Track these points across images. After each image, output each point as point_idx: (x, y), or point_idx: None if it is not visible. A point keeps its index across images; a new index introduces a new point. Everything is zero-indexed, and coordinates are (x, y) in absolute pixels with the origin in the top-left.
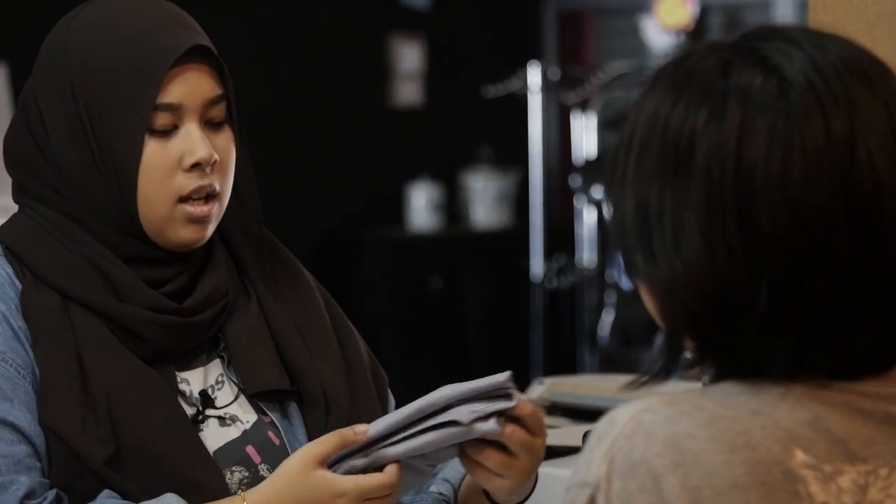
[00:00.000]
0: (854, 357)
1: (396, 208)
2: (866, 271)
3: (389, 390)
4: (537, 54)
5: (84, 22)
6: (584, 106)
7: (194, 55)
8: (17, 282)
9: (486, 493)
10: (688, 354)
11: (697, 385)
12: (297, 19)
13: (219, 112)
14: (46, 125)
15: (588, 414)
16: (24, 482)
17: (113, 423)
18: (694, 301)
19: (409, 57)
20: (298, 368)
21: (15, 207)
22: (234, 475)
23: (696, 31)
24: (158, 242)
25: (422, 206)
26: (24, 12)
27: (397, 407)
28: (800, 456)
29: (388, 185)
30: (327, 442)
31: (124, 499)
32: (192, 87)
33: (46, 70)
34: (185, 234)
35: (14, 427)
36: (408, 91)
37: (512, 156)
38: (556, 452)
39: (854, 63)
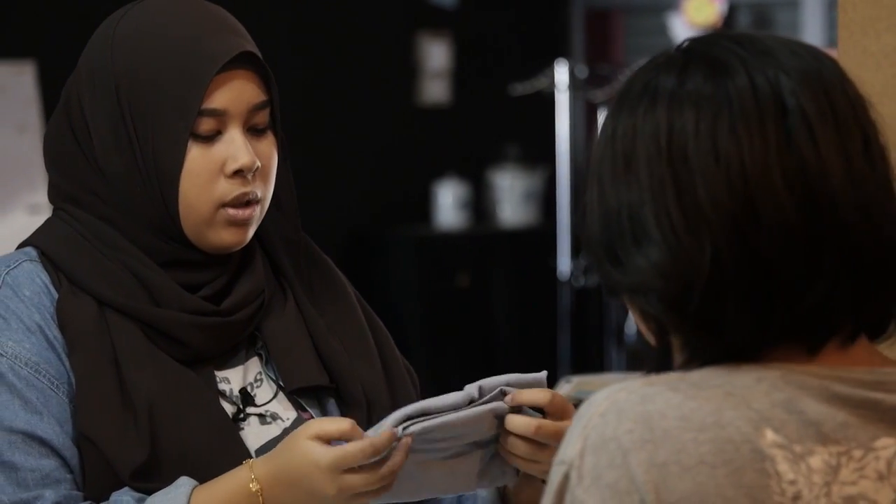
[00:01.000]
0: (816, 320)
1: (424, 206)
2: (810, 220)
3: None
4: (565, 52)
5: (130, 25)
6: (611, 104)
7: (240, 61)
8: (53, 290)
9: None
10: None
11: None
12: (324, 18)
13: (262, 118)
14: (90, 126)
15: None
16: (48, 497)
17: (153, 428)
18: (657, 284)
19: (436, 55)
20: (338, 368)
21: (44, 205)
22: None
23: (725, 29)
24: (198, 245)
25: (449, 204)
26: (53, 11)
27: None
28: (770, 436)
29: (415, 183)
30: (336, 423)
31: None
32: (237, 93)
33: (91, 70)
34: (225, 237)
35: (42, 441)
36: (435, 89)
37: (539, 154)
38: None
39: (786, 48)
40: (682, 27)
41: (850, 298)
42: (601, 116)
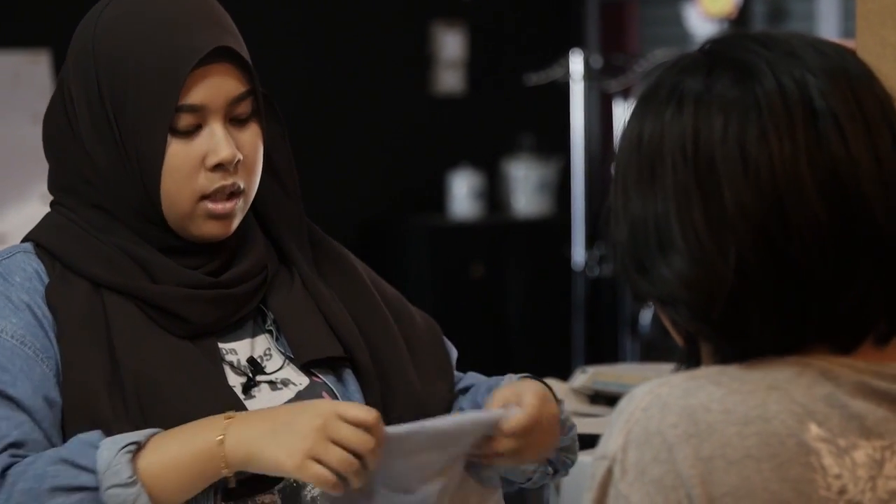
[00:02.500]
0: (850, 322)
1: (438, 196)
2: (843, 224)
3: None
4: (579, 42)
5: (112, 14)
6: (626, 94)
7: (219, 55)
8: (45, 277)
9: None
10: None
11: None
12: (340, 8)
13: (244, 109)
14: (77, 115)
15: None
16: (14, 434)
17: (153, 405)
18: (684, 294)
19: (451, 45)
20: (350, 339)
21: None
22: None
23: (740, 20)
24: (183, 237)
25: (463, 194)
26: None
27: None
28: (814, 429)
29: (429, 173)
30: (362, 409)
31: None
32: (215, 87)
33: (76, 59)
34: (207, 230)
35: (10, 398)
36: (450, 79)
37: (554, 144)
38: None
39: (813, 49)
40: (698, 17)
41: (883, 299)
42: (616, 106)
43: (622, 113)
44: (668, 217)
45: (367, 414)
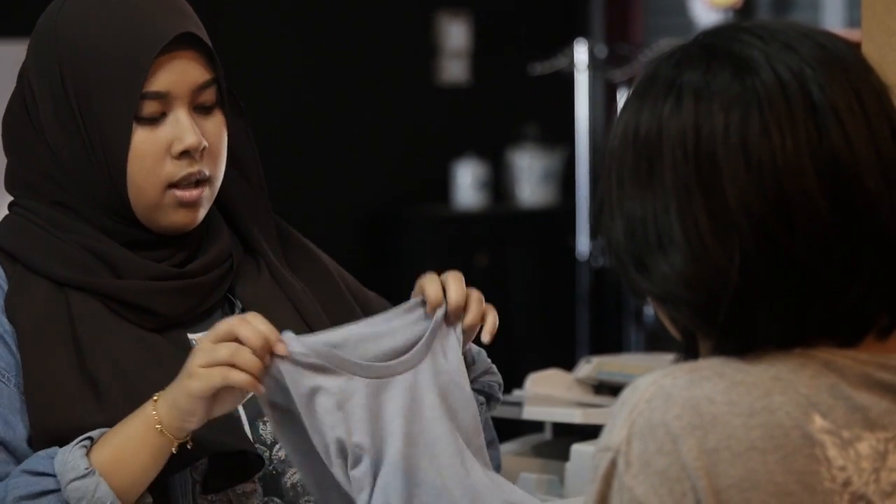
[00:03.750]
0: (853, 318)
1: (442, 186)
2: (846, 221)
3: None
4: (584, 32)
5: (74, 5)
6: (630, 84)
7: (182, 42)
8: (4, 284)
9: None
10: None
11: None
12: None
13: (209, 97)
14: (39, 109)
15: None
16: None
17: (114, 398)
18: (685, 293)
19: (455, 35)
20: (319, 328)
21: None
22: (267, 425)
23: (745, 10)
24: (150, 227)
25: (468, 183)
26: None
27: None
28: (818, 421)
29: (434, 162)
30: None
31: None
32: (179, 74)
33: (37, 51)
34: (175, 219)
35: None
36: (454, 69)
37: (558, 134)
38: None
39: (811, 41)
40: (702, 6)
41: (885, 293)
42: (620, 96)
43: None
44: (668, 215)
45: (259, 320)
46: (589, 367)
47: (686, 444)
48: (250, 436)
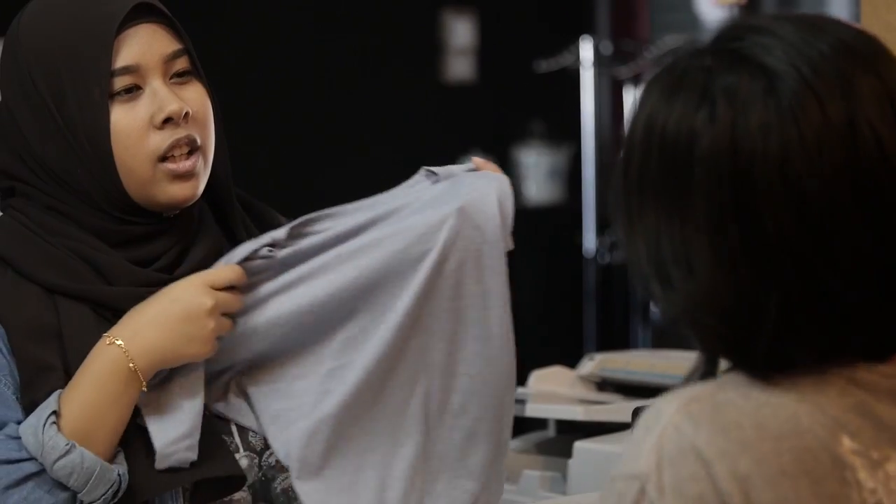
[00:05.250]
0: (884, 338)
1: None
2: (882, 250)
3: None
4: (590, 29)
5: (31, 11)
6: (636, 80)
7: (142, 15)
8: None
9: None
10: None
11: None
12: None
13: (182, 65)
14: (19, 123)
15: (640, 390)
16: None
17: None
18: (713, 320)
19: (461, 32)
20: None
21: None
22: (257, 433)
23: (750, 6)
24: (150, 208)
25: None
26: None
27: None
28: (847, 443)
29: (440, 160)
30: (224, 270)
31: None
32: (145, 45)
33: (8, 70)
34: (173, 192)
35: None
36: (460, 66)
37: (564, 131)
38: (607, 428)
39: (840, 42)
40: (708, 3)
41: None
42: (627, 93)
43: (633, 99)
44: (698, 237)
45: (233, 272)
46: (592, 364)
47: (719, 469)
48: (240, 444)
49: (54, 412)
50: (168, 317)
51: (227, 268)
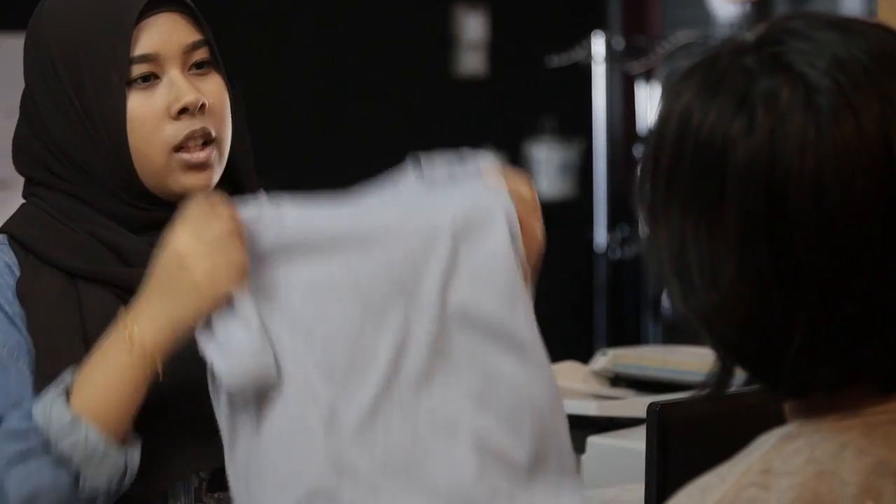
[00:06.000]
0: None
1: None
2: None
3: None
4: (602, 24)
5: (52, 0)
6: (648, 76)
7: (164, 3)
8: (16, 271)
9: None
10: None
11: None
12: None
13: (202, 55)
14: (42, 110)
15: (652, 385)
16: None
17: None
18: (732, 331)
19: (473, 27)
20: None
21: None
22: None
23: (762, 2)
24: (163, 197)
25: None
26: None
27: None
28: None
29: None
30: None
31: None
32: (165, 34)
33: (30, 57)
34: (186, 182)
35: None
36: (471, 61)
37: (576, 126)
38: (619, 423)
39: (882, 54)
40: None
41: None
42: (638, 88)
43: (644, 95)
44: (727, 251)
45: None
46: (605, 359)
47: None
48: None
49: (66, 388)
50: (168, 288)
51: (207, 201)
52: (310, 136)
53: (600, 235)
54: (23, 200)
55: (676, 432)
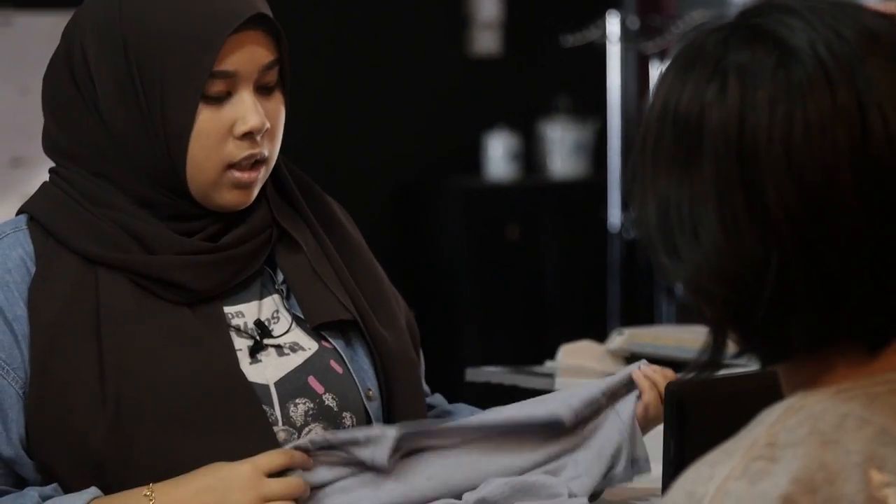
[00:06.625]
0: (882, 324)
1: (474, 158)
2: (882, 233)
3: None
4: (617, 3)
5: None
6: (663, 56)
7: (252, 22)
8: (30, 265)
9: None
10: (732, 345)
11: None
12: None
13: (272, 77)
14: (94, 79)
15: (669, 364)
16: None
17: (124, 386)
18: (718, 288)
19: (487, 6)
20: (361, 304)
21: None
22: (298, 407)
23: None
24: (202, 204)
25: (499, 155)
26: None
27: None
28: (876, 477)
29: (465, 134)
30: (272, 456)
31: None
32: (248, 54)
33: (97, 23)
34: (230, 199)
35: None
36: (486, 40)
37: (590, 105)
38: None
39: (865, 29)
40: None
41: None
42: (653, 68)
43: (658, 74)
44: (705, 205)
45: (284, 456)
46: (621, 338)
47: None
48: (280, 418)
49: None
50: (207, 493)
51: (279, 452)
52: (326, 114)
53: (614, 215)
54: (37, 179)
55: (694, 410)
